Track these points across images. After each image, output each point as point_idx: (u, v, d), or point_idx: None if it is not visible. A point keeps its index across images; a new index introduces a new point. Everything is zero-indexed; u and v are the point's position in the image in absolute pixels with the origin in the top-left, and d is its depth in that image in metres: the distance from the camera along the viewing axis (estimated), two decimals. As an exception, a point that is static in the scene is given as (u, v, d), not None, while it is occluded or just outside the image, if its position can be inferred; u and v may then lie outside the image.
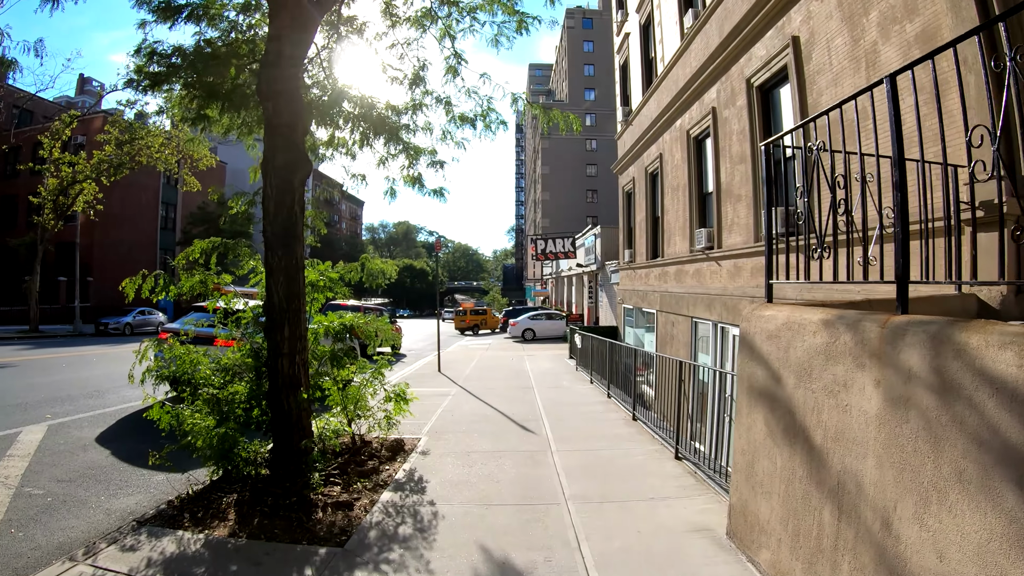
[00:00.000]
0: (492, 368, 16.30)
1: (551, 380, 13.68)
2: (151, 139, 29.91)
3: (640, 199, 16.42)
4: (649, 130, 15.24)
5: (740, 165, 10.03)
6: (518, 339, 28.44)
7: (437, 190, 10.93)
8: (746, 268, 9.76)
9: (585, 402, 10.60)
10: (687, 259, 12.32)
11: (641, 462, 6.72)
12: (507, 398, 10.95)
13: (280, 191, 6.12)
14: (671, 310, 13.14)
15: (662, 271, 14.14)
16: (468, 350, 25.33)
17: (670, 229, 13.68)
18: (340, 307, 22.76)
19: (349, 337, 7.32)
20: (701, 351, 11.85)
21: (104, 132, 30.81)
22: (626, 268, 17.81)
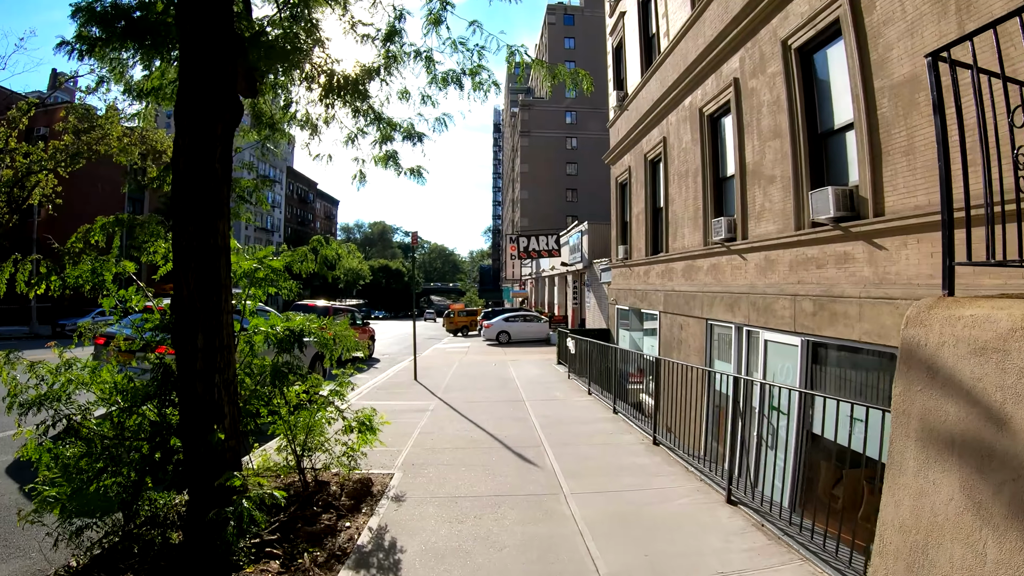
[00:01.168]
0: (474, 376, 14.63)
1: (543, 390, 12.05)
2: (111, 127, 27.67)
3: (638, 189, 14.89)
4: (649, 113, 13.72)
5: (773, 141, 8.54)
6: (492, 342, 26.83)
7: (415, 170, 9.34)
8: (783, 261, 8.25)
9: (588, 419, 9.00)
10: (700, 253, 10.79)
11: (686, 510, 5.12)
12: (496, 415, 9.30)
13: (196, 141, 4.38)
14: (679, 311, 11.61)
15: (666, 268, 12.61)
16: (446, 354, 23.57)
17: (677, 220, 12.15)
18: (308, 308, 20.92)
19: (300, 347, 5.60)
20: (719, 358, 10.34)
21: (64, 120, 28.65)
22: (620, 266, 16.27)
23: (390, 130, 8.67)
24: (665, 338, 12.40)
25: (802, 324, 7.69)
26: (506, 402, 10.48)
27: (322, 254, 6.21)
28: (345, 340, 5.99)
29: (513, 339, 27.41)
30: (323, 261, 6.19)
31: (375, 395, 11.57)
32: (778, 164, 8.44)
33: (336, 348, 5.91)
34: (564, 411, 9.64)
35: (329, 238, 6.34)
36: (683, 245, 11.70)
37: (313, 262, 6.14)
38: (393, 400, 10.87)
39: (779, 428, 8.26)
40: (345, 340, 5.99)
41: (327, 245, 6.29)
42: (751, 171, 9.22)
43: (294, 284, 6.02)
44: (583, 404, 10.40)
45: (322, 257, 6.21)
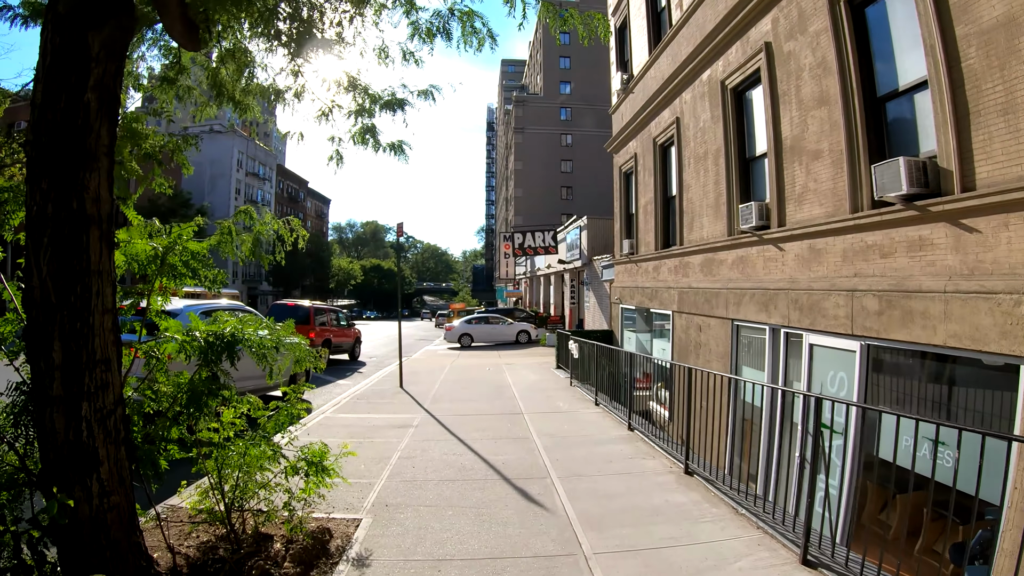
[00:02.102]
0: (466, 382, 13.24)
1: (543, 400, 10.68)
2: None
3: (645, 178, 13.56)
4: (659, 93, 12.40)
5: (818, 110, 7.27)
6: (455, 347, 25.52)
7: (395, 145, 8.03)
8: (833, 250, 6.96)
9: (600, 437, 7.64)
10: (723, 244, 9.48)
11: (748, 574, 3.75)
12: (491, 432, 7.92)
13: (60, 60, 3.00)
14: (697, 311, 10.30)
15: (680, 262, 11.28)
16: (437, 357, 22.17)
17: (693, 209, 10.83)
18: (289, 308, 19.50)
19: (231, 357, 4.22)
20: (747, 364, 9.03)
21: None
22: (625, 262, 14.94)
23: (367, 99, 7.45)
24: (680, 341, 11.08)
25: (862, 325, 6.38)
26: (503, 415, 9.09)
27: (256, 231, 4.82)
28: (294, 350, 4.59)
29: (475, 342, 26.12)
30: (259, 243, 4.79)
31: (354, 406, 10.19)
32: (825, 136, 7.15)
33: (276, 361, 4.51)
34: (570, 427, 8.28)
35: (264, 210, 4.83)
36: (702, 236, 10.38)
37: (248, 247, 4.74)
38: (373, 413, 9.48)
39: (829, 448, 6.96)
40: (294, 350, 4.59)
41: (261, 219, 4.88)
42: (789, 147, 7.92)
43: (221, 274, 4.63)
44: (591, 418, 9.03)
45: (256, 235, 4.81)
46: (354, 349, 21.36)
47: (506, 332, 26.97)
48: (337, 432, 7.89)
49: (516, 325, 27.45)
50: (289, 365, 4.77)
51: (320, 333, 18.53)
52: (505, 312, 34.85)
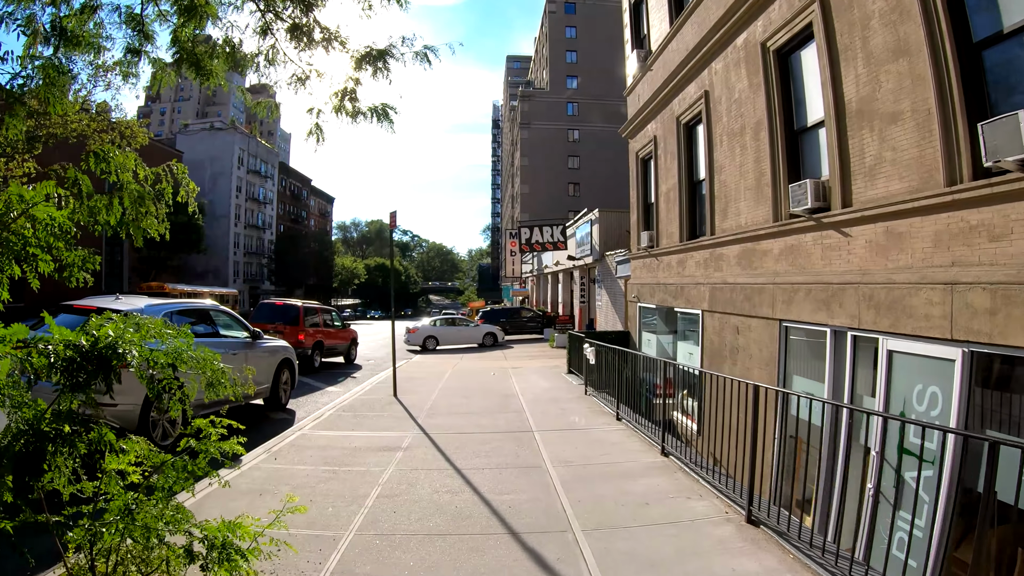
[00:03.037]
0: (468, 391, 11.84)
1: (556, 414, 9.27)
2: (65, 104, 24.89)
3: (667, 162, 12.16)
4: (683, 66, 11.01)
5: (894, 64, 5.91)
6: (418, 349, 24.37)
7: (378, 110, 6.89)
8: (921, 234, 5.58)
9: (630, 467, 6.19)
10: (768, 232, 8.09)
11: None
12: (495, 457, 6.52)
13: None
14: (733, 310, 8.90)
15: (711, 255, 9.89)
16: (438, 361, 20.80)
17: (727, 193, 9.44)
18: (276, 307, 18.19)
19: (106, 378, 2.85)
20: (799, 373, 7.64)
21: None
22: (643, 256, 13.54)
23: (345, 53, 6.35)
24: (712, 344, 9.68)
25: (966, 327, 4.99)
26: (509, 434, 7.66)
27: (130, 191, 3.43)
28: (202, 368, 3.22)
29: (441, 344, 24.98)
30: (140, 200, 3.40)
31: (337, 420, 8.82)
32: (905, 95, 5.75)
33: (188, 382, 3.15)
34: (590, 450, 6.84)
35: (112, 151, 3.26)
36: (739, 224, 8.98)
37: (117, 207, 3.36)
38: (358, 429, 8.12)
39: (911, 478, 5.63)
40: (202, 368, 3.22)
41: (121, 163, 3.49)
42: (855, 111, 6.53)
43: (90, 256, 3.26)
44: (614, 437, 7.59)
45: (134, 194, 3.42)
46: (349, 352, 20.03)
47: (472, 335, 26.03)
48: (308, 457, 6.53)
49: (482, 328, 26.52)
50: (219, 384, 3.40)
51: (310, 335, 17.19)
52: (512, 312, 33.45)
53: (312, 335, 17.31)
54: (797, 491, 7.62)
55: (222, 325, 9.48)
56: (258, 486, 5.44)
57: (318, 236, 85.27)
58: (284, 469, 6.02)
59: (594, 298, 23.42)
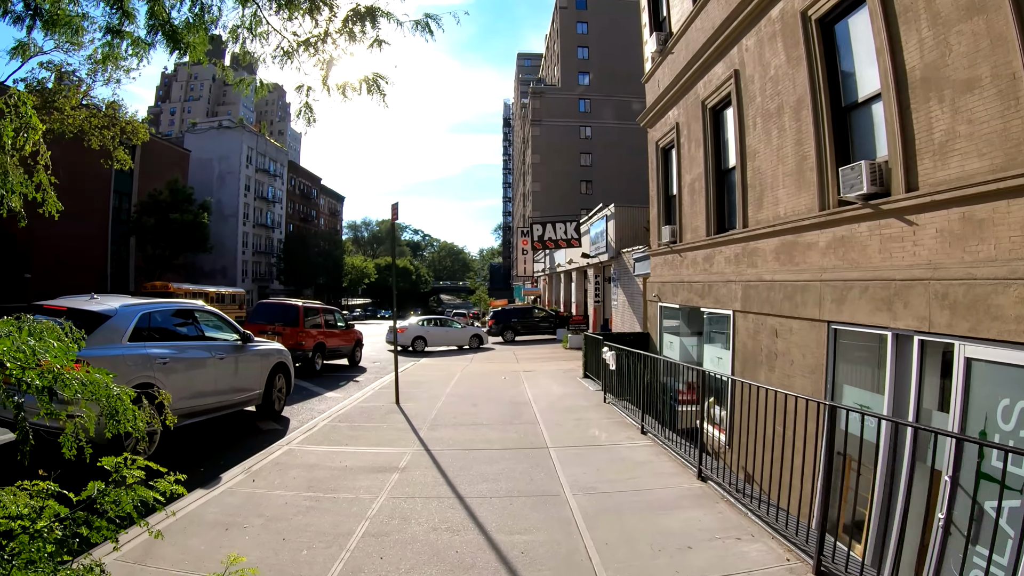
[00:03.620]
0: (476, 397, 10.97)
1: (573, 426, 8.36)
2: (62, 101, 24.30)
3: (691, 150, 11.25)
4: (709, 46, 10.10)
5: (967, 23, 5.01)
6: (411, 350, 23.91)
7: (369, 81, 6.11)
8: (1008, 220, 4.67)
9: (664, 497, 5.23)
10: (812, 222, 7.17)
11: None
12: (504, 482, 5.62)
13: None
14: (771, 310, 7.99)
15: (744, 249, 8.98)
16: (447, 363, 20.00)
17: (762, 181, 8.53)
18: (274, 307, 17.43)
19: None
20: (852, 383, 6.73)
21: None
22: (664, 252, 12.62)
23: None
24: (745, 348, 8.77)
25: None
26: (521, 451, 6.78)
27: None
28: (95, 393, 2.36)
29: (429, 345, 24.82)
30: None
31: (331, 432, 7.99)
32: (983, 57, 4.85)
33: (81, 411, 2.30)
34: (615, 473, 5.92)
35: None
36: (776, 214, 8.07)
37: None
38: (352, 444, 7.28)
39: (991, 508, 4.76)
40: (95, 393, 2.36)
41: None
42: (919, 80, 5.62)
43: None
44: (641, 455, 6.68)
45: None
46: (354, 353, 19.23)
47: (460, 336, 26.24)
48: (291, 479, 5.71)
49: (468, 329, 26.76)
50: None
51: (311, 336, 16.39)
52: (524, 311, 32.57)
53: (313, 336, 16.53)
54: (845, 514, 6.75)
55: (209, 327, 8.70)
56: (227, 517, 4.62)
57: (328, 235, 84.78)
58: (261, 495, 5.20)
59: (609, 297, 22.50)
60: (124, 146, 26.91)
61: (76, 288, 40.75)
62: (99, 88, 45.95)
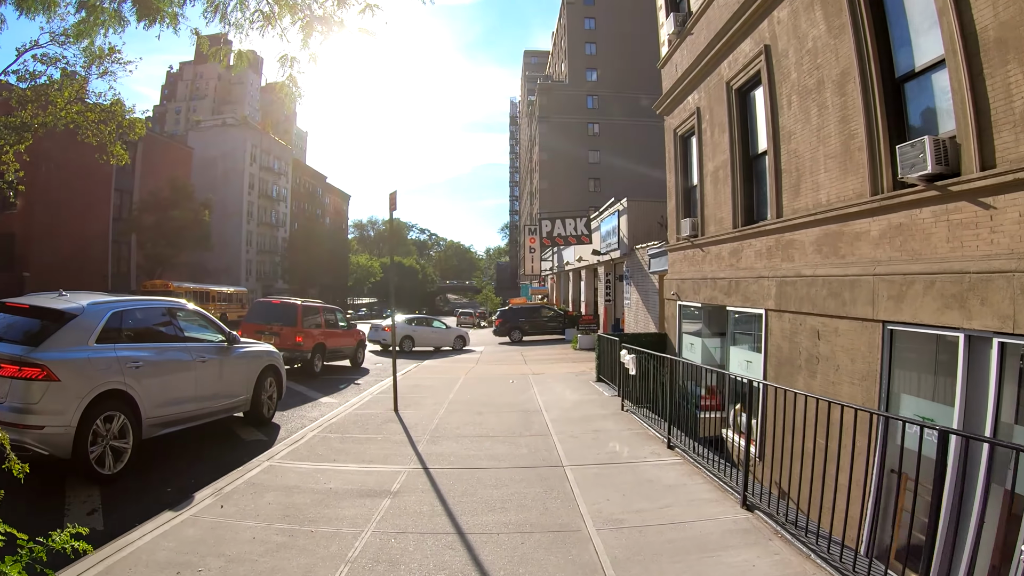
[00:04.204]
0: (482, 404, 10.14)
1: (591, 440, 7.45)
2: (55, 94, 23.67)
3: (715, 136, 10.41)
4: (734, 22, 9.30)
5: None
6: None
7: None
8: None
9: (705, 533, 4.30)
10: (862, 208, 6.35)
11: None
12: (514, 514, 4.72)
13: None
14: (812, 309, 7.16)
15: (778, 242, 8.15)
16: (452, 364, 19.23)
17: (800, 165, 7.70)
18: (273, 306, 16.68)
19: None
20: (911, 391, 5.90)
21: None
22: (684, 247, 11.80)
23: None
24: (779, 351, 7.94)
25: None
26: (532, 471, 5.92)
27: None
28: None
29: (417, 345, 24.45)
30: None
31: (320, 445, 7.19)
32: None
33: None
34: (644, 500, 5.03)
35: None
36: (817, 201, 7.23)
37: None
38: (340, 460, 6.45)
39: None
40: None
41: None
42: (992, 41, 4.85)
43: None
44: (671, 476, 5.81)
45: None
46: (356, 354, 18.47)
47: (445, 336, 25.99)
48: (265, 506, 4.92)
49: (452, 330, 26.55)
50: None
51: (310, 336, 15.62)
52: (531, 310, 31.75)
53: (312, 337, 15.76)
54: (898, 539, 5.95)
55: (190, 327, 7.94)
56: (181, 556, 3.84)
57: (333, 234, 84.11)
58: (226, 526, 4.42)
59: (621, 296, 21.67)
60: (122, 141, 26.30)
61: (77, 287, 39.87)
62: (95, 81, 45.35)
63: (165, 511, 5.04)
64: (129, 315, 7.05)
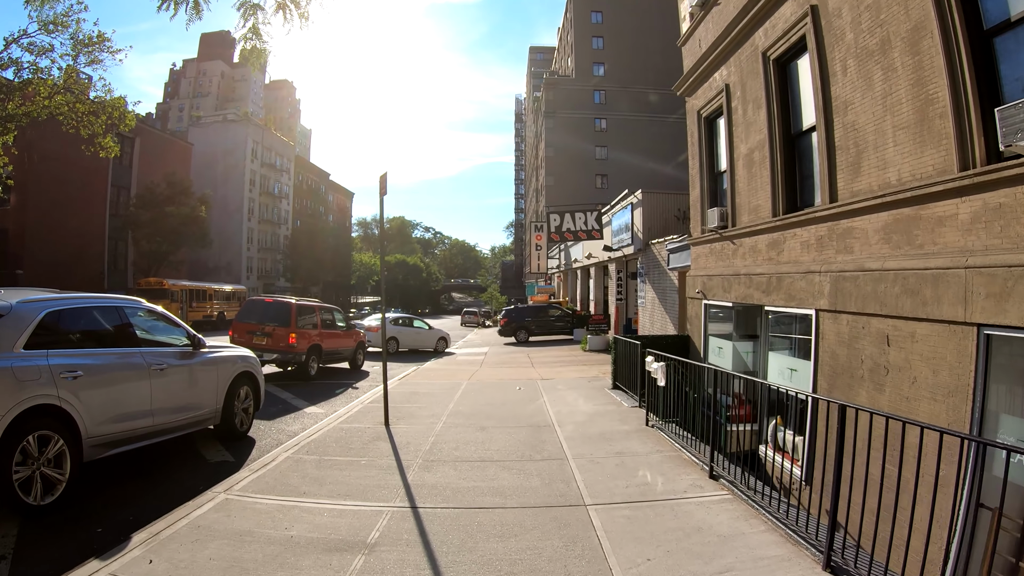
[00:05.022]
0: (486, 418, 8.97)
1: (615, 466, 6.24)
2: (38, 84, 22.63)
3: (749, 114, 9.27)
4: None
5: None
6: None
7: None
8: None
9: None
10: (947, 187, 5.23)
11: None
12: None
13: None
14: (879, 309, 6.01)
15: (832, 230, 7.01)
16: (454, 366, 18.11)
17: (860, 139, 6.55)
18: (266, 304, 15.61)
19: None
20: (1013, 411, 4.77)
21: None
22: (711, 240, 10.65)
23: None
24: (833, 359, 6.78)
25: None
26: (547, 513, 4.71)
27: None
28: None
29: (402, 347, 23.29)
30: None
31: (292, 472, 6.04)
32: None
33: None
34: (698, 563, 3.66)
35: None
36: (885, 181, 6.08)
37: None
38: (311, 495, 5.27)
39: None
40: None
41: None
42: None
43: None
44: (724, 522, 4.56)
45: None
46: (355, 356, 17.42)
47: (428, 337, 24.69)
48: (204, 563, 3.79)
49: (435, 331, 25.14)
50: None
51: (305, 337, 14.55)
52: (538, 309, 30.62)
53: (308, 337, 14.69)
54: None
55: (148, 329, 6.86)
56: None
57: (336, 232, 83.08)
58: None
59: (633, 295, 20.52)
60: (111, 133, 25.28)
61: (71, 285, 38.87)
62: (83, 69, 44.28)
63: (91, 560, 3.99)
64: (70, 315, 5.99)
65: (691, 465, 6.21)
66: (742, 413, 7.56)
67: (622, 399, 10.26)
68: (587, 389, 11.69)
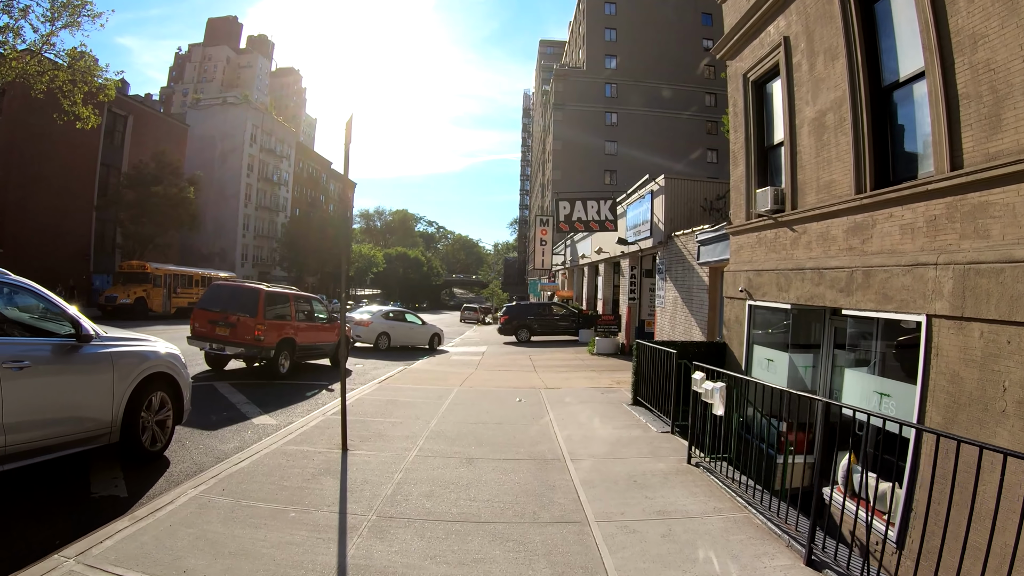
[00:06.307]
0: (475, 441, 6.97)
1: (661, 541, 4.19)
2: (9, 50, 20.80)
3: (819, 68, 7.38)
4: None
5: None
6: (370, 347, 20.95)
7: None
8: None
9: None
10: None
11: None
12: None
13: None
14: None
15: (954, 207, 5.13)
16: (447, 366, 16.26)
17: (1001, 83, 4.69)
18: (227, 289, 13.79)
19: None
20: None
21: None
22: (760, 226, 8.77)
23: None
24: (955, 382, 4.90)
25: None
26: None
27: None
28: None
29: (393, 343, 21.42)
30: None
31: (188, 525, 4.14)
32: None
33: None
34: None
35: None
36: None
37: None
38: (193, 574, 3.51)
39: None
40: None
41: None
42: None
43: None
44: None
45: None
46: (337, 353, 15.57)
47: (421, 333, 22.76)
48: None
49: (429, 327, 23.19)
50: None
51: (274, 330, 12.69)
52: (541, 308, 28.73)
53: (278, 330, 12.83)
54: None
55: (10, 314, 5.05)
56: None
57: (336, 222, 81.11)
58: None
59: (648, 294, 18.65)
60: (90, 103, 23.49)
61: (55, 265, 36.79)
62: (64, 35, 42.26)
63: None
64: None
65: (770, 538, 4.32)
66: (795, 441, 5.74)
67: (648, 420, 8.36)
68: (602, 404, 9.79)
